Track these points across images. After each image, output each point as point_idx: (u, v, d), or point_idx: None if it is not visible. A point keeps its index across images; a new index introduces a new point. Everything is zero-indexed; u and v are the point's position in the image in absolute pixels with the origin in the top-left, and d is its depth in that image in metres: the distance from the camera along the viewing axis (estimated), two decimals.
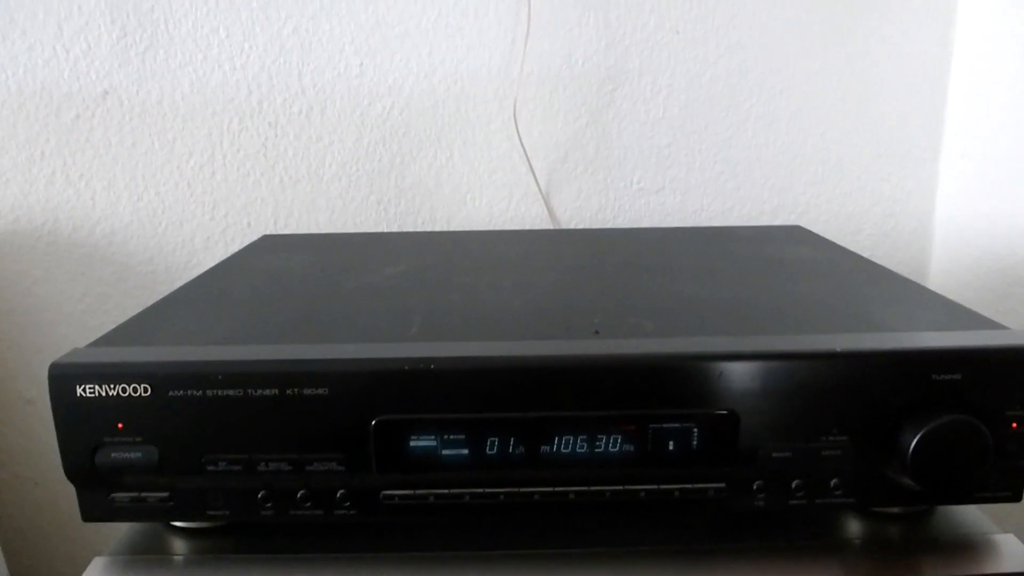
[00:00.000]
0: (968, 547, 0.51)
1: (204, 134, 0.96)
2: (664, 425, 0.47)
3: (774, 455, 0.47)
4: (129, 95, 0.93)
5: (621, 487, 0.48)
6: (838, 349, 0.46)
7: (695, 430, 0.47)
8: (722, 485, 0.48)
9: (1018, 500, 0.50)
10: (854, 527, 0.53)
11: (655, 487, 0.48)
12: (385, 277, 0.65)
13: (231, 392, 0.45)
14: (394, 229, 1.00)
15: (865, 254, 1.05)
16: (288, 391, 0.45)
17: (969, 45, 0.95)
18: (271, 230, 0.98)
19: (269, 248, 0.79)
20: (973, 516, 0.54)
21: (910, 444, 0.45)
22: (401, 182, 1.01)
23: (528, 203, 1.02)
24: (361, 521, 0.48)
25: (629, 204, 1.03)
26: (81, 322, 0.98)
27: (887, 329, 0.50)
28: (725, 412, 0.46)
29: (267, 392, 0.45)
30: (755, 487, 0.48)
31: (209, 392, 0.45)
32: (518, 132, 0.99)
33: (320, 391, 0.45)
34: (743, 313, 0.54)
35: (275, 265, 0.71)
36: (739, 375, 0.46)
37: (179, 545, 0.51)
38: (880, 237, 1.04)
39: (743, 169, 1.03)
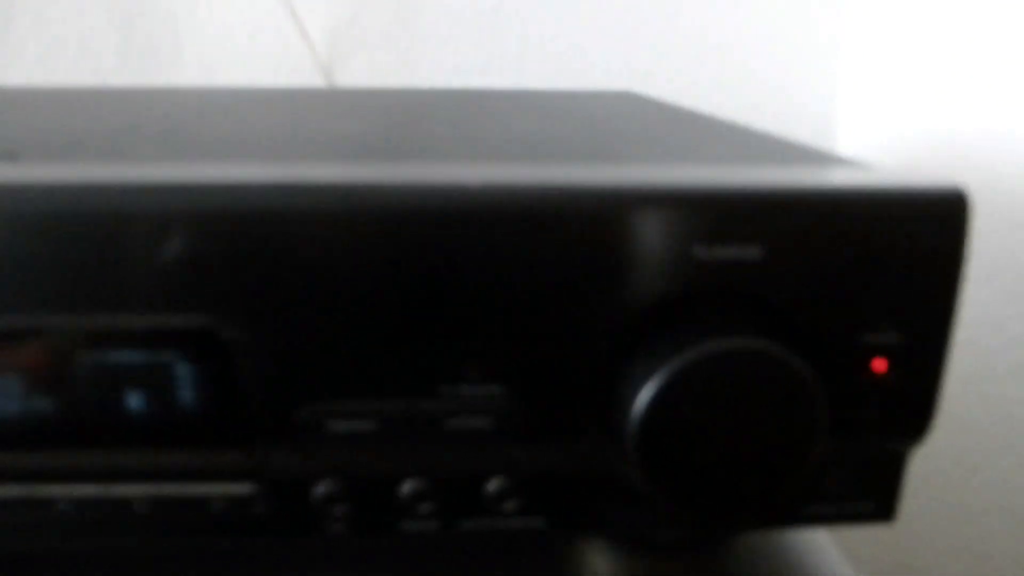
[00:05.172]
0: None
1: None
2: (106, 355, 0.20)
3: (331, 425, 0.20)
4: None
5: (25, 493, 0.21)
6: (471, 183, 0.20)
7: (174, 367, 0.21)
8: (245, 488, 0.22)
9: (888, 517, 0.25)
10: (599, 567, 0.27)
11: (93, 493, 0.21)
12: None
13: None
14: None
15: None
16: None
17: None
18: None
19: None
20: (813, 542, 0.28)
21: (637, 404, 0.20)
22: (124, 46, 0.74)
23: (303, 82, 0.76)
24: None
25: (442, 87, 0.78)
26: None
27: (636, 160, 0.24)
28: (203, 329, 0.20)
29: None
30: (316, 496, 0.22)
31: None
32: None
33: None
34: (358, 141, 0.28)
35: None
36: (229, 244, 0.20)
37: None
38: None
39: (594, 47, 0.77)
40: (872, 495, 0.24)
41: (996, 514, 0.68)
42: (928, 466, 0.65)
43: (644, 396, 0.19)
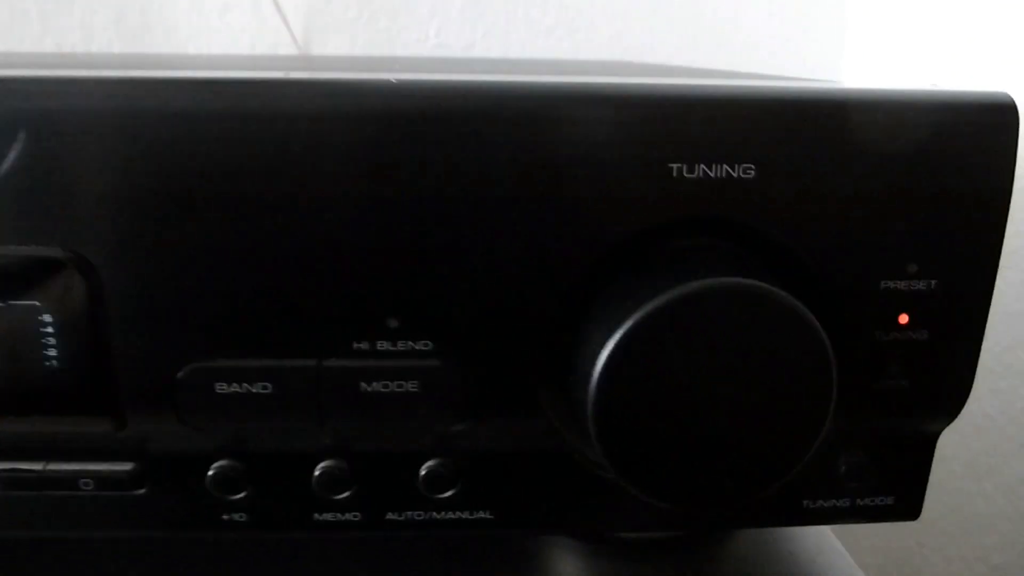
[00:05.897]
0: None
1: None
2: None
3: (220, 389, 0.16)
4: None
5: None
6: (394, 80, 0.16)
7: (30, 316, 0.17)
8: (121, 467, 0.18)
9: (913, 514, 0.21)
10: (567, 568, 0.23)
11: None
12: None
13: None
14: None
15: None
16: None
17: None
18: None
19: None
20: (815, 540, 0.24)
21: (598, 363, 0.15)
22: (88, 20, 0.70)
23: None
24: None
25: (427, 56, 0.74)
26: None
27: (610, 73, 0.20)
28: (63, 266, 0.16)
29: None
30: (209, 479, 0.18)
31: None
32: None
33: None
34: None
35: None
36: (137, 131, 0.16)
37: None
38: None
39: (586, 23, 0.73)
40: (894, 487, 0.20)
41: (1012, 522, 0.63)
42: (937, 470, 0.61)
43: (606, 352, 0.15)
